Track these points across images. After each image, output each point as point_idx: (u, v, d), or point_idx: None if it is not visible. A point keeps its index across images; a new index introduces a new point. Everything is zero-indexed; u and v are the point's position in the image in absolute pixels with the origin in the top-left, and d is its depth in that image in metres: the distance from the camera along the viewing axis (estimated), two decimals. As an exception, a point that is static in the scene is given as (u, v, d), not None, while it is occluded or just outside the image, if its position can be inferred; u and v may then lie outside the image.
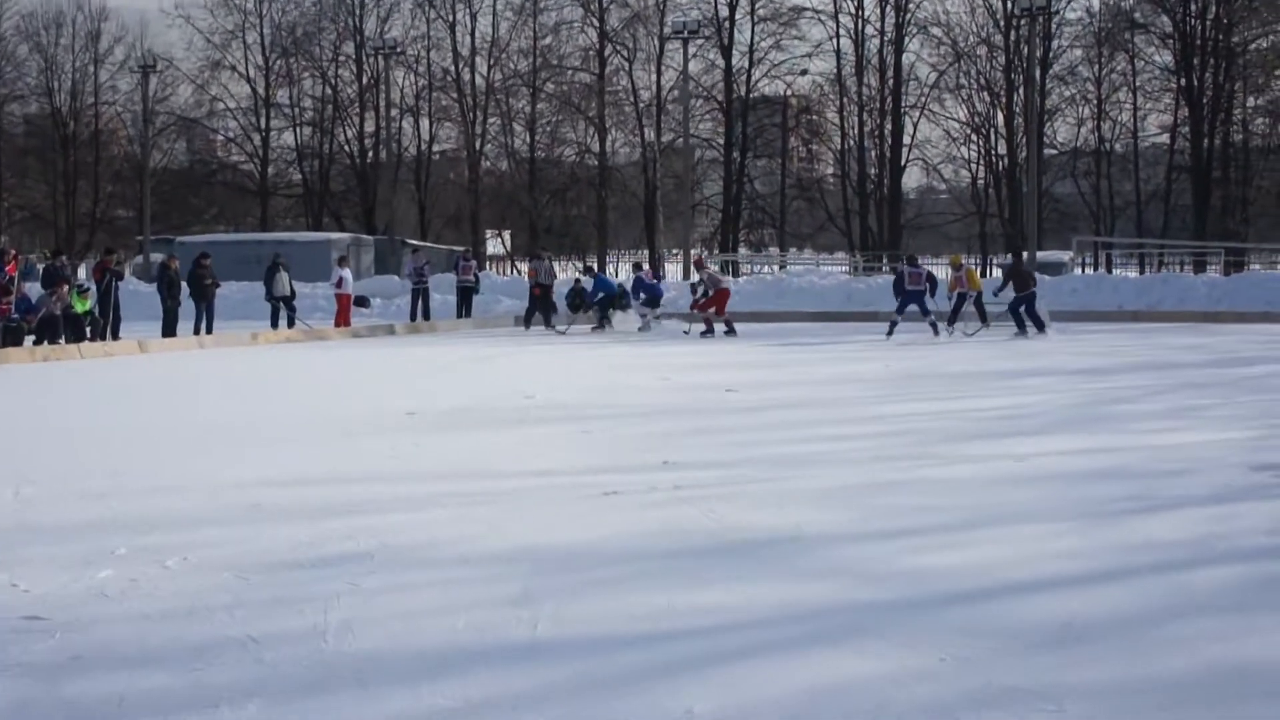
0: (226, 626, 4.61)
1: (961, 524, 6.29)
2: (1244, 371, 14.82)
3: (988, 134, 51.83)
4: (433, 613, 4.78)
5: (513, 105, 52.72)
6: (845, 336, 22.88)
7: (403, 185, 53.25)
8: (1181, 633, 4.48)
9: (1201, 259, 41.57)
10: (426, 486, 7.38)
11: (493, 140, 53.17)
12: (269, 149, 54.73)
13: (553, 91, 52.60)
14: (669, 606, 4.84)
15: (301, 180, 55.84)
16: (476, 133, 51.67)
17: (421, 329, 26.31)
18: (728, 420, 10.58)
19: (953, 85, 51.23)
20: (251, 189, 55.40)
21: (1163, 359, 17.02)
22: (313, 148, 55.39)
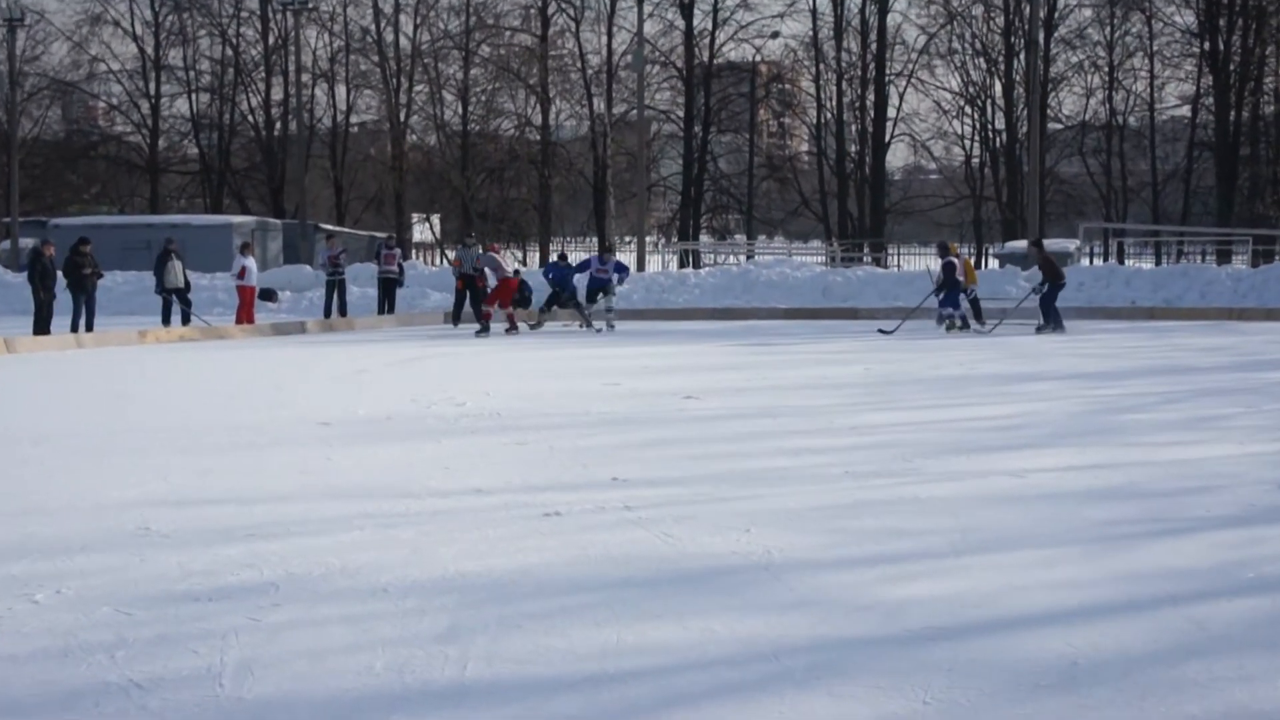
0: (106, 670, 4.58)
1: (949, 549, 6.34)
2: (1272, 376, 15.01)
3: (984, 106, 52.35)
4: (346, 651, 4.76)
5: (442, 71, 52.63)
6: (820, 336, 23.00)
7: (315, 162, 52.96)
8: (1199, 674, 4.53)
9: (1226, 248, 42.06)
10: (340, 506, 7.36)
11: (419, 111, 53.07)
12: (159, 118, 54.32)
13: (488, 55, 52.57)
14: (617, 643, 4.85)
15: (198, 155, 55.51)
16: (401, 102, 51.50)
17: (337, 326, 26.20)
18: (686, 431, 10.60)
19: (944, 50, 51.77)
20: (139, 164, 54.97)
21: (1180, 362, 17.23)
22: (211, 117, 55.05)
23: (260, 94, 54.56)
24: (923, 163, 58.95)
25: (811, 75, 53.51)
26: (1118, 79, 50.84)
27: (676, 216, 54.74)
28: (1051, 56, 49.42)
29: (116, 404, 13.09)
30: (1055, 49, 49.98)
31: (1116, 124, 51.18)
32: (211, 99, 55.01)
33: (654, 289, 32.36)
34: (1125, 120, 51.68)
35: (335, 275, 27.90)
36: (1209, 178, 49.09)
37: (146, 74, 53.84)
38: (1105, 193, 51.65)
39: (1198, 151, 49.46)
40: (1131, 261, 44.85)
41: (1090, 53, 51.17)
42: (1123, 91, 51.32)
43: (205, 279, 32.26)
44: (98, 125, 59.08)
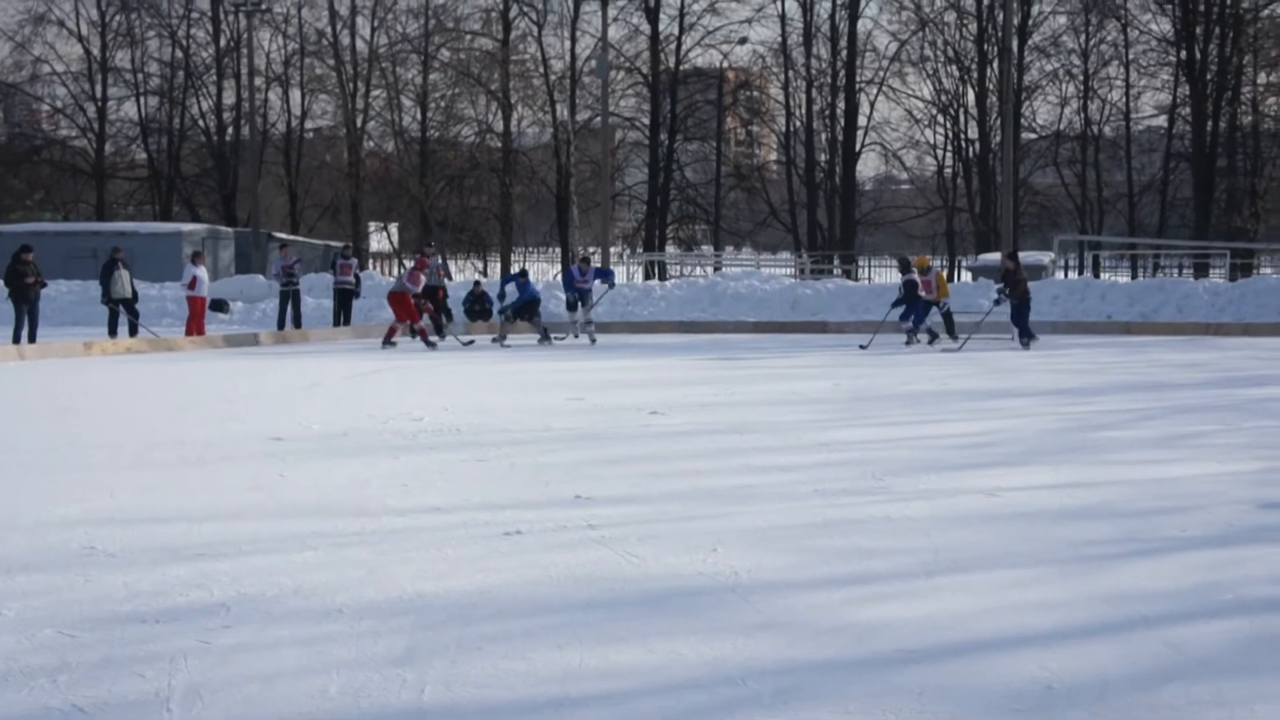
0: (48, 694, 4.55)
1: (920, 570, 6.37)
2: (1251, 393, 15.15)
3: (956, 115, 52.58)
4: (299, 674, 4.76)
5: (400, 75, 52.51)
6: (789, 350, 23.07)
7: (269, 168, 52.75)
8: (1176, 698, 4.58)
9: (1204, 261, 42.36)
10: (293, 524, 7.35)
11: (376, 116, 52.91)
12: (106, 122, 53.94)
13: (448, 60, 52.51)
14: (579, 666, 4.86)
15: (147, 160, 55.15)
16: (357, 107, 51.38)
17: (291, 338, 26.11)
18: (651, 448, 10.62)
19: (916, 57, 51.96)
20: (85, 169, 54.58)
21: (1157, 378, 17.36)
22: (160, 121, 54.70)
23: (211, 98, 54.30)
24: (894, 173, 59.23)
25: (780, 82, 53.64)
26: (1093, 88, 51.18)
27: (642, 227, 54.74)
28: (1025, 65, 49.73)
29: (60, 418, 13.01)
30: (1029, 57, 50.29)
31: (1092, 134, 51.49)
32: (161, 102, 54.67)
33: (619, 301, 32.37)
34: (1101, 130, 52.01)
35: (289, 286, 27.80)
36: (1186, 189, 49.44)
37: (93, 76, 53.49)
38: (1080, 204, 51.97)
39: (1174, 162, 49.82)
40: (1107, 275, 45.11)
41: (1065, 61, 51.55)
42: (1098, 101, 51.67)
43: (154, 289, 32.10)
44: (41, 129, 58.56)
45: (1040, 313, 26.00)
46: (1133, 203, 51.05)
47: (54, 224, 47.84)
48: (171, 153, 54.31)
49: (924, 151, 54.86)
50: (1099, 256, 47.48)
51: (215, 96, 54.07)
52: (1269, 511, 7.91)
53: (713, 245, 55.81)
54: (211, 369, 19.13)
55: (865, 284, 39.01)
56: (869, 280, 44.09)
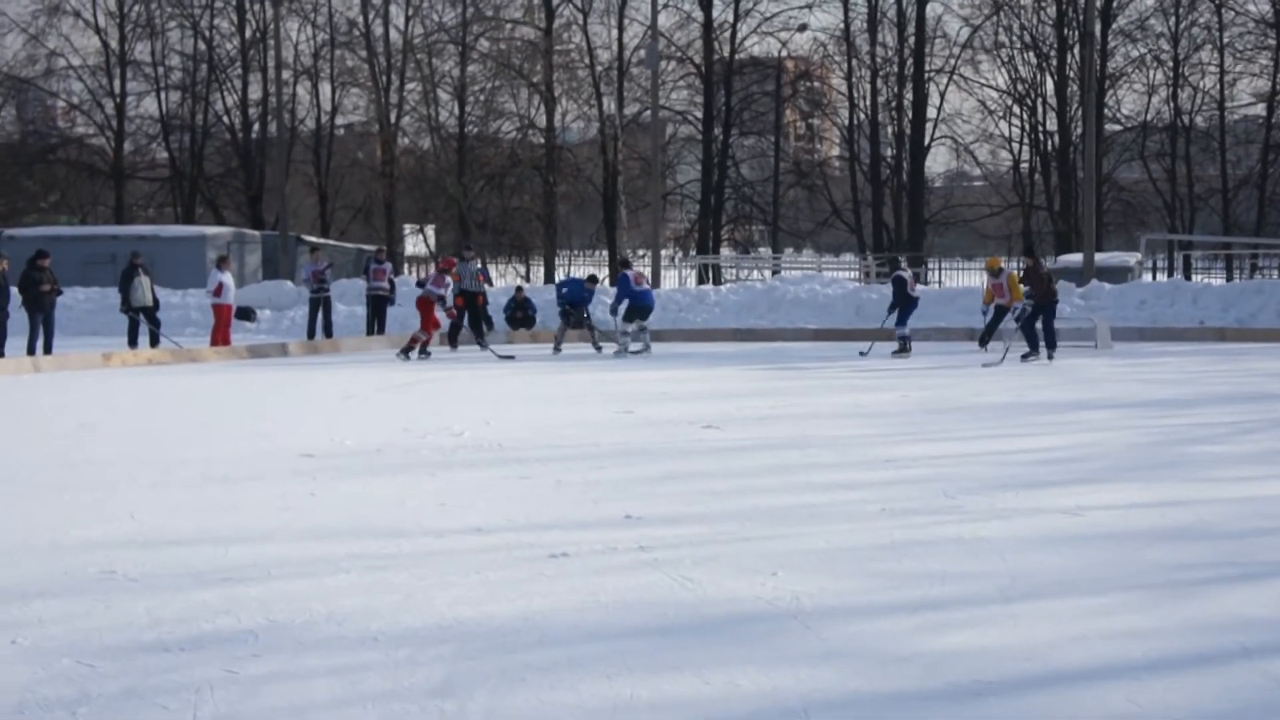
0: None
1: (996, 596, 6.34)
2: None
3: (1034, 105, 52.31)
4: (332, 706, 4.79)
5: (437, 67, 52.74)
6: (853, 360, 23.00)
7: (297, 167, 53.11)
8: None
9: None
10: (325, 547, 7.39)
11: (411, 111, 53.16)
12: (125, 119, 54.47)
13: (487, 50, 52.70)
14: (630, 698, 4.87)
15: (168, 159, 55.63)
16: (391, 102, 51.66)
17: (322, 348, 26.26)
18: (705, 464, 10.61)
19: (990, 44, 51.71)
20: (103, 169, 55.11)
21: (1255, 388, 17.19)
22: (182, 118, 55.17)
23: (236, 93, 54.66)
24: (966, 168, 58.97)
25: (843, 72, 53.50)
26: (1183, 74, 50.74)
27: (695, 228, 54.71)
28: (1109, 50, 49.39)
29: (78, 434, 13.13)
30: (1113, 42, 49.95)
31: (1182, 124, 51.05)
32: (182, 98, 55.08)
33: (670, 308, 32.39)
34: (1192, 120, 51.55)
35: (320, 292, 27.93)
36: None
37: (110, 70, 53.98)
38: (1169, 201, 51.54)
39: (1274, 154, 49.34)
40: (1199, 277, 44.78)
41: (1153, 46, 51.12)
42: (1189, 88, 51.19)
43: (176, 296, 32.38)
44: (56, 126, 59.15)
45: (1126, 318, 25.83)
46: (1227, 199, 50.57)
47: (70, 227, 48.31)
48: (194, 151, 54.67)
49: (998, 145, 54.63)
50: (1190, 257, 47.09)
51: (240, 91, 54.42)
52: (1377, 532, 7.82)
53: (770, 247, 55.73)
54: (238, 381, 19.27)
55: (935, 288, 38.88)
56: (939, 284, 43.93)
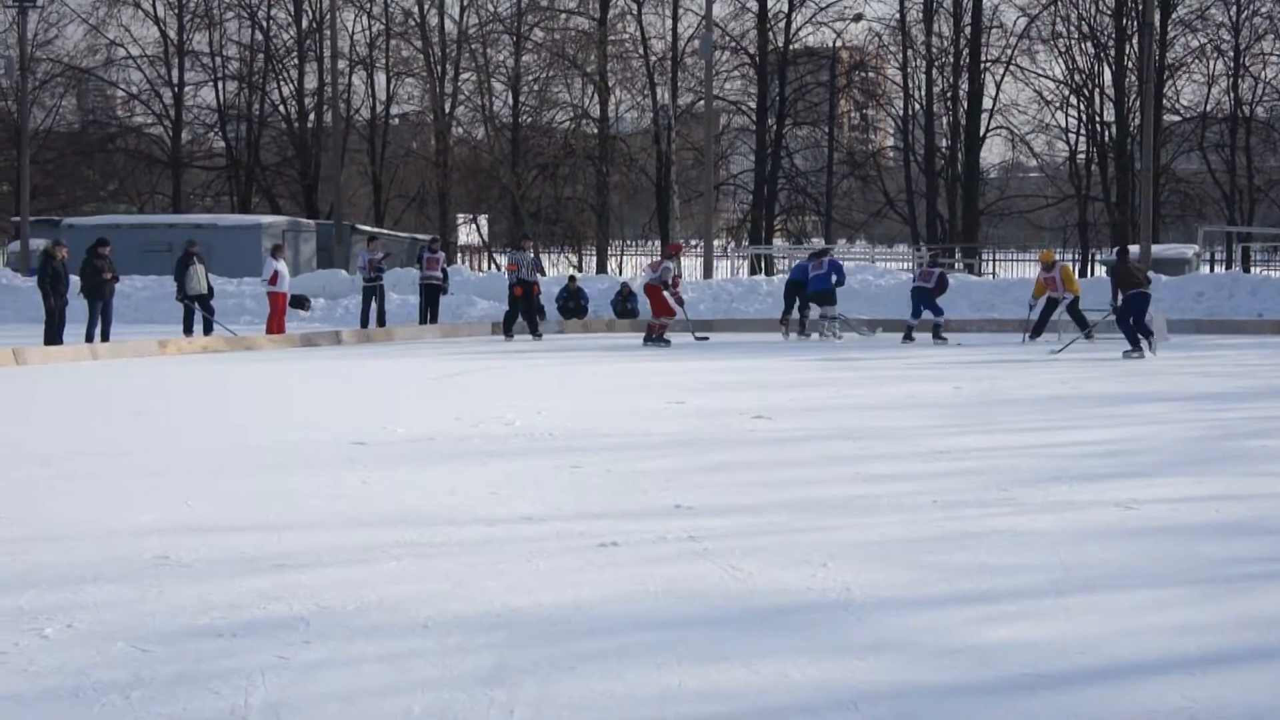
0: (121, 711, 4.63)
1: (1049, 589, 6.30)
2: None
3: (1091, 96, 51.89)
4: (382, 693, 4.80)
5: (491, 57, 52.89)
6: (906, 350, 22.90)
7: (352, 157, 53.35)
8: (1332, 729, 4.49)
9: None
10: (377, 534, 7.41)
11: (466, 101, 53.30)
12: (183, 109, 54.93)
13: (541, 40, 52.78)
14: (679, 688, 4.86)
15: (225, 149, 56.07)
16: (445, 91, 51.79)
17: (375, 336, 26.39)
18: (756, 454, 10.59)
19: (1047, 34, 51.33)
20: (160, 158, 55.61)
21: (1310, 382, 17.03)
22: (239, 108, 55.55)
23: (292, 82, 55.02)
24: (1022, 159, 58.60)
25: (898, 62, 53.26)
26: (1244, 65, 50.22)
27: (747, 218, 54.65)
28: (1169, 40, 48.94)
29: (133, 421, 13.23)
30: (1173, 32, 49.50)
31: (1242, 115, 50.54)
32: (239, 88, 55.45)
33: (722, 297, 32.36)
34: (1253, 111, 51.03)
35: (374, 281, 28.04)
36: (1350, 175, 48.55)
37: (169, 60, 54.41)
38: (1229, 192, 51.05)
39: (1336, 145, 48.91)
40: (1258, 269, 44.27)
41: (1213, 35, 50.61)
42: (1250, 79, 50.70)
43: (232, 284, 32.62)
44: (116, 116, 59.71)
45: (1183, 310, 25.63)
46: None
47: (128, 216, 48.68)
48: (250, 141, 55.06)
49: (1055, 136, 54.23)
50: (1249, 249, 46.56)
51: (296, 81, 54.80)
52: None
53: (824, 238, 55.56)
54: (292, 369, 19.38)
55: (990, 279, 38.67)
56: (994, 275, 43.65)
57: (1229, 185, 51.10)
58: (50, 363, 20.00)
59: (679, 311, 24.93)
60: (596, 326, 29.59)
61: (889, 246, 57.49)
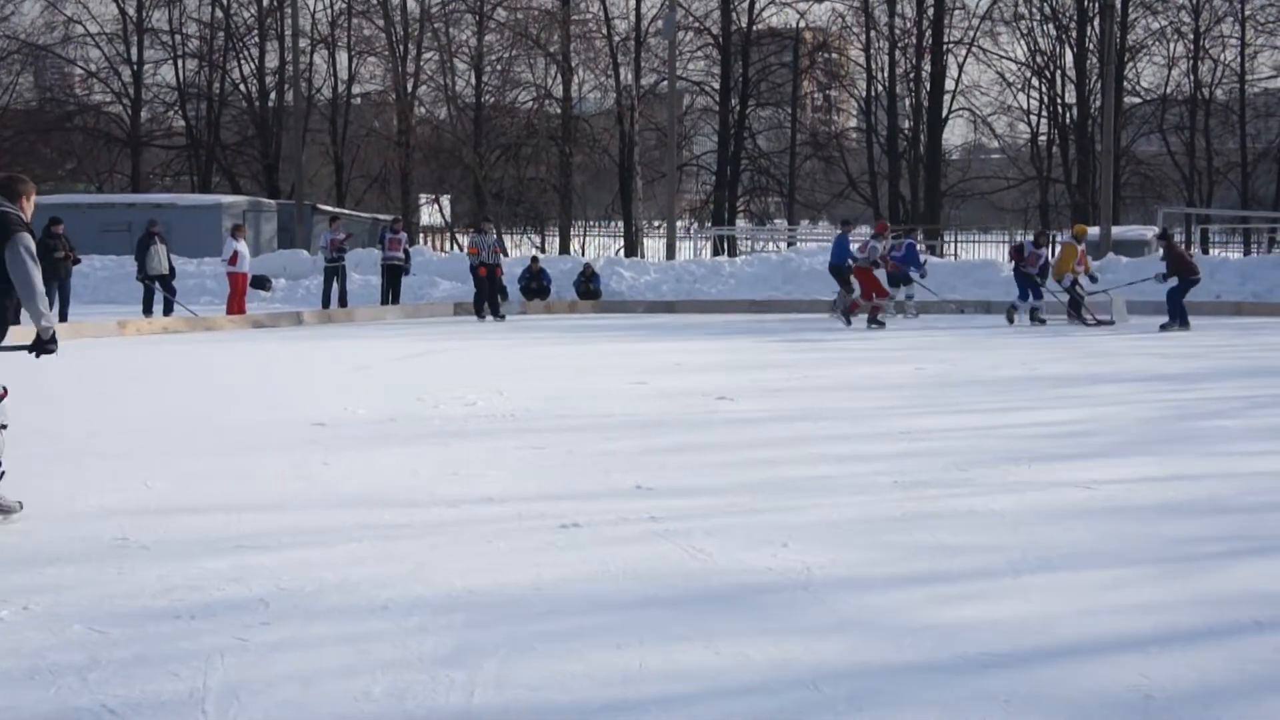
0: (77, 693, 4.62)
1: (1007, 569, 6.34)
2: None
3: (1052, 78, 52.09)
4: (342, 674, 4.80)
5: (454, 37, 52.64)
6: (868, 332, 22.97)
7: (314, 136, 53.10)
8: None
9: (1327, 236, 41.83)
10: (337, 516, 7.40)
11: (428, 81, 53.06)
12: (142, 87, 54.49)
13: (504, 20, 52.58)
14: (639, 668, 4.87)
15: (185, 127, 55.66)
16: (408, 71, 51.56)
17: (336, 317, 26.30)
18: (718, 435, 10.62)
19: (1009, 15, 51.47)
20: (119, 137, 55.14)
21: (1270, 363, 17.15)
22: (199, 86, 55.18)
23: (253, 61, 54.60)
24: (984, 140, 58.78)
25: (861, 43, 53.30)
26: (1204, 47, 50.45)
27: (710, 199, 54.60)
28: (1129, 22, 49.14)
29: (92, 403, 13.17)
30: (1134, 14, 49.70)
31: (1202, 97, 50.79)
32: (200, 66, 55.07)
33: (685, 279, 32.38)
34: (1212, 93, 51.28)
35: (335, 262, 27.93)
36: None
37: (128, 38, 53.96)
38: (1188, 174, 51.33)
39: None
40: (1217, 251, 44.53)
41: (1173, 18, 50.81)
42: (1209, 61, 50.91)
43: (192, 265, 32.42)
44: (74, 94, 59.14)
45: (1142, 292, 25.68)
46: (1246, 172, 50.35)
47: (87, 195, 48.35)
48: (211, 120, 54.69)
49: (1016, 118, 54.44)
50: (1208, 231, 46.87)
51: (257, 60, 54.38)
52: (1392, 508, 7.80)
53: (786, 219, 55.59)
54: (252, 350, 19.31)
55: (952, 260, 38.80)
56: (955, 256, 43.80)
57: (1188, 167, 51.37)
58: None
59: (891, 291, 24.72)
60: (559, 307, 29.56)
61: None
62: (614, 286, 31.10)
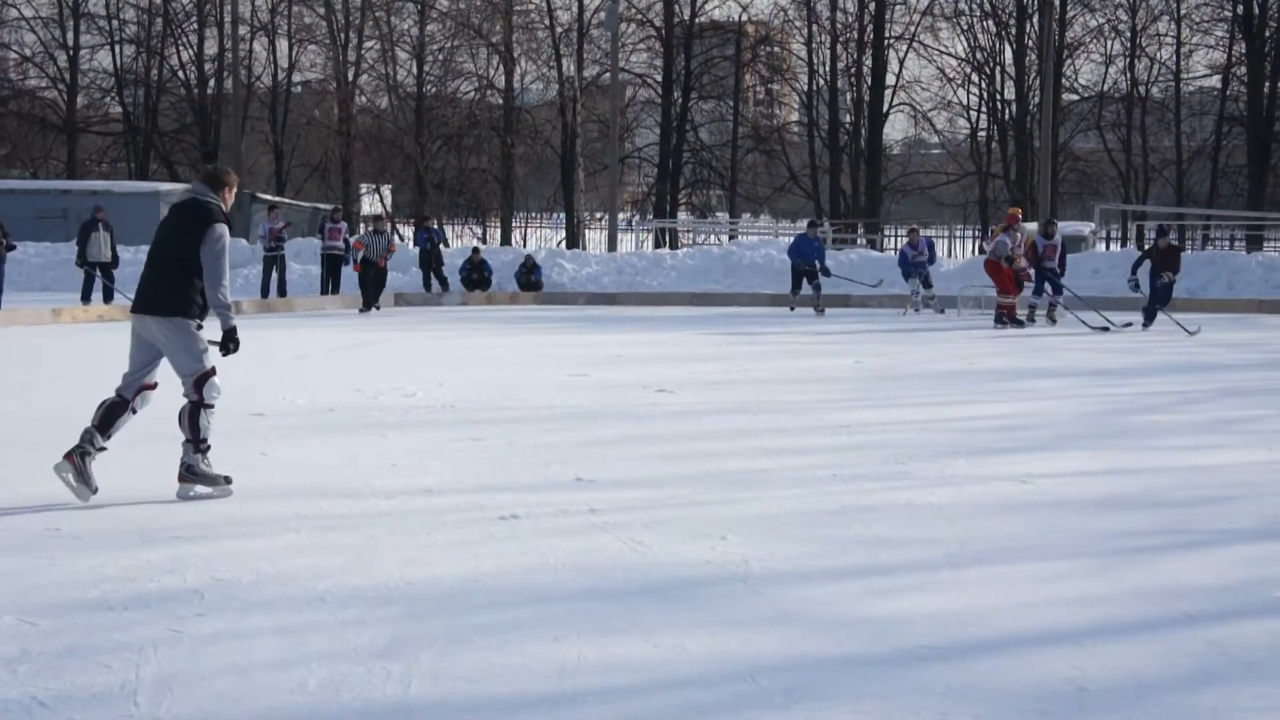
0: (7, 685, 4.55)
1: (944, 561, 6.37)
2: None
3: (992, 74, 52.39)
4: (277, 666, 4.76)
5: (395, 26, 52.42)
6: (808, 325, 23.04)
7: (253, 124, 52.68)
8: (1218, 701, 4.57)
9: (1257, 234, 42.24)
10: (274, 506, 7.36)
11: (369, 70, 52.80)
12: (78, 72, 53.90)
13: (446, 9, 52.38)
14: (577, 660, 4.86)
15: (122, 114, 55.09)
16: (349, 60, 51.28)
17: (275, 307, 26.14)
18: (658, 428, 10.62)
19: (950, 11, 51.72)
20: (55, 123, 54.53)
21: (1203, 359, 17.32)
22: (136, 73, 54.61)
23: (192, 48, 54.14)
24: (924, 135, 58.94)
25: (803, 37, 53.47)
26: (1141, 45, 50.92)
27: (652, 191, 54.63)
28: (1068, 20, 49.54)
29: (24, 391, 13.03)
30: (1072, 11, 50.09)
31: (1138, 95, 51.26)
32: (137, 52, 54.50)
33: (626, 271, 32.38)
34: (1148, 91, 51.76)
35: (274, 251, 27.80)
36: (1239, 155, 49.23)
37: (64, 22, 53.35)
38: (1124, 171, 51.79)
39: (1228, 127, 49.61)
40: (1152, 247, 44.95)
41: (1111, 16, 51.25)
42: (1146, 59, 51.40)
43: (129, 252, 31.99)
44: (8, 79, 58.41)
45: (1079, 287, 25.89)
46: (1181, 170, 50.85)
47: (21, 181, 47.70)
48: (149, 106, 54.20)
49: (956, 113, 54.66)
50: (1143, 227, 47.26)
51: (196, 46, 53.94)
52: (1321, 503, 7.90)
53: (728, 212, 55.72)
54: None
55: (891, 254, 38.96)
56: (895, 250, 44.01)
57: (1125, 164, 51.82)
58: (-60, 331, 19.62)
59: (1025, 287, 22.97)
60: (500, 299, 29.49)
61: (792, 221, 57.61)
62: (555, 278, 31.05)
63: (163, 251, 7.77)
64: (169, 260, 7.70)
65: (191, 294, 7.67)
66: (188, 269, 7.63)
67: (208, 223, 7.60)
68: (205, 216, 7.61)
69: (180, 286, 7.63)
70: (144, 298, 7.75)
